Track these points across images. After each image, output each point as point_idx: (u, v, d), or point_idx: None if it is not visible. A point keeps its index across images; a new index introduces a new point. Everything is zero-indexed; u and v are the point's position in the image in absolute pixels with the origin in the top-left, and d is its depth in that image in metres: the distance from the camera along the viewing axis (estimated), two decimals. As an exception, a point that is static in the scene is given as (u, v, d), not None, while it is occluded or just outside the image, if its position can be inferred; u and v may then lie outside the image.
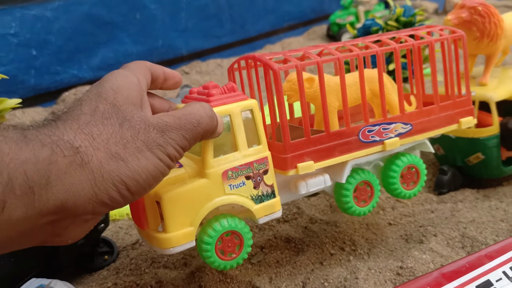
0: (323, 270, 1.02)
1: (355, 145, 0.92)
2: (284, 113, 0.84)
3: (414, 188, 1.02)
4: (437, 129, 1.01)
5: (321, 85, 0.88)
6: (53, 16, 1.98)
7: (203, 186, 0.79)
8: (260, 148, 0.84)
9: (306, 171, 0.87)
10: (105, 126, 0.60)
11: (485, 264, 0.74)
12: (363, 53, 0.92)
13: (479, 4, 1.24)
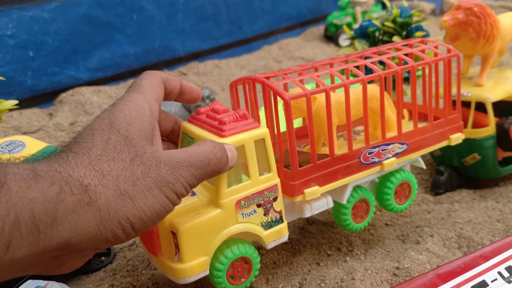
0: (320, 271, 1.02)
1: (357, 167, 0.96)
2: (293, 141, 0.86)
3: (405, 203, 1.07)
4: (429, 146, 1.06)
5: (328, 114, 0.90)
6: (50, 17, 1.97)
7: (218, 216, 0.81)
8: (270, 175, 0.86)
9: (312, 197, 0.89)
10: (116, 162, 0.59)
11: (480, 264, 0.74)
12: (367, 77, 0.93)
13: (475, 5, 1.25)
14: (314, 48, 2.91)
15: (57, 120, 1.86)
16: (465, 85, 1.36)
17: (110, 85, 2.20)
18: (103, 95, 2.07)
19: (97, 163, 0.58)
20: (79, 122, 1.87)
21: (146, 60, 2.36)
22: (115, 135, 0.61)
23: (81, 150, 0.59)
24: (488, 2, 3.67)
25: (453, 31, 1.28)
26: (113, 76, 2.25)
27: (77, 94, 2.02)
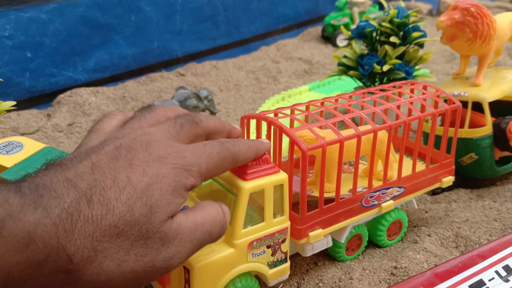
0: (317, 271, 1.02)
1: (358, 210, 1.00)
2: (305, 189, 0.89)
3: (395, 238, 1.12)
4: (423, 189, 1.11)
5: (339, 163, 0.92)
6: (47, 19, 1.97)
7: (230, 255, 0.83)
8: (283, 219, 0.88)
9: (316, 240, 0.93)
10: (118, 239, 0.55)
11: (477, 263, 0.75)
12: (379, 127, 0.96)
13: (472, 5, 1.25)
14: (312, 48, 2.91)
15: (55, 121, 1.86)
16: (462, 85, 1.37)
17: (108, 86, 2.20)
18: (101, 96, 2.07)
19: (98, 237, 0.54)
20: (77, 123, 1.87)
21: (144, 61, 2.36)
22: (141, 204, 0.56)
23: (95, 217, 0.54)
24: (485, 2, 3.69)
25: (450, 31, 1.29)
26: (111, 77, 2.25)
27: (75, 95, 2.02)
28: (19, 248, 0.49)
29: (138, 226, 0.55)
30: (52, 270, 0.51)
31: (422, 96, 1.10)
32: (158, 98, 2.12)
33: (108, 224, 0.54)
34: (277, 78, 2.42)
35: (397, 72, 1.61)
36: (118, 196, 0.55)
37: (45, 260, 0.51)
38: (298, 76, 2.48)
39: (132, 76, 2.32)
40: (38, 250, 0.50)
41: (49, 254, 0.51)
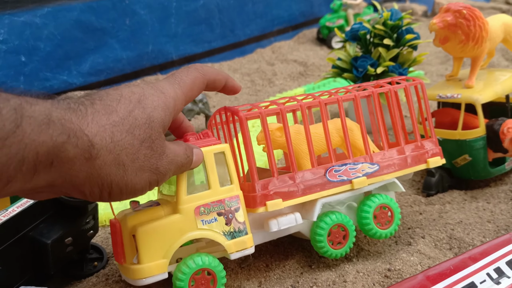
0: (312, 274, 1.03)
1: (323, 184, 0.98)
2: (251, 155, 0.92)
3: (389, 227, 1.06)
4: (404, 169, 1.07)
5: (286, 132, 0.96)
6: (42, 23, 1.97)
7: (177, 220, 0.86)
8: (231, 187, 0.91)
9: (274, 209, 0.92)
10: (128, 135, 0.63)
11: (469, 266, 0.75)
12: (324, 100, 1.00)
13: (464, 8, 1.26)
14: (307, 50, 2.92)
15: (49, 125, 1.86)
16: (455, 87, 1.37)
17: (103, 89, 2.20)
18: (96, 99, 2.07)
19: (111, 129, 0.62)
20: (71, 127, 1.88)
21: (139, 64, 2.36)
22: (140, 111, 0.65)
23: (102, 110, 0.62)
24: (479, 3, 3.70)
25: (443, 34, 1.29)
26: (106, 81, 2.26)
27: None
28: (42, 128, 0.54)
29: (142, 129, 0.65)
30: (76, 154, 0.58)
31: (385, 80, 1.12)
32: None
33: (117, 120, 0.62)
34: (272, 81, 2.42)
35: (391, 74, 1.61)
36: (116, 103, 0.64)
37: (68, 141, 0.57)
38: (293, 78, 2.48)
39: (127, 79, 2.32)
40: (58, 130, 0.56)
41: (69, 135, 0.57)
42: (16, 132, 0.52)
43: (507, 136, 1.26)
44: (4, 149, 0.52)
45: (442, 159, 1.11)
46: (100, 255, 1.11)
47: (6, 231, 0.89)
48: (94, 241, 1.20)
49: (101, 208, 1.30)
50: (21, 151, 0.53)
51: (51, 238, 0.93)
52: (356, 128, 1.07)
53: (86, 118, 0.60)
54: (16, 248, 0.91)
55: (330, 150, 1.00)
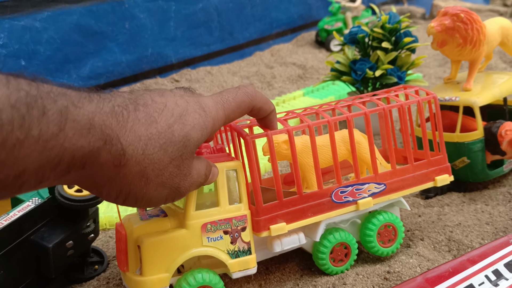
0: (311, 276, 1.03)
1: (328, 205, 0.97)
2: (255, 178, 0.90)
3: (392, 246, 1.06)
4: (411, 187, 1.05)
5: (293, 153, 0.93)
6: (41, 27, 1.98)
7: (182, 236, 0.85)
8: (240, 206, 0.90)
9: (278, 233, 0.92)
10: (161, 151, 0.63)
11: (468, 268, 0.76)
12: (351, 115, 0.97)
13: (462, 11, 1.27)
14: (306, 53, 2.93)
15: (49, 129, 1.86)
16: (453, 90, 1.38)
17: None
18: (95, 103, 2.08)
19: (146, 141, 0.61)
20: (71, 130, 1.88)
21: (139, 68, 2.37)
22: (179, 127, 0.64)
23: (143, 119, 0.62)
24: (478, 6, 3.71)
25: (440, 37, 1.30)
26: (106, 84, 2.26)
27: (69, 103, 2.03)
28: (82, 133, 0.55)
29: (176, 146, 0.64)
30: (106, 160, 0.58)
31: (395, 92, 1.09)
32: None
33: (154, 133, 0.62)
34: (271, 84, 2.43)
35: (389, 77, 1.62)
36: (158, 113, 0.63)
37: (103, 147, 0.57)
38: (292, 81, 2.49)
39: (127, 82, 2.33)
40: (97, 136, 0.56)
41: (105, 141, 0.57)
42: (58, 136, 0.53)
43: (505, 138, 1.27)
44: (45, 152, 0.52)
45: (450, 177, 1.09)
46: (100, 258, 1.11)
47: (8, 235, 0.89)
48: (95, 244, 1.20)
49: (102, 211, 1.30)
50: (60, 154, 0.53)
51: (52, 242, 0.93)
52: (363, 140, 1.04)
53: (126, 126, 0.60)
54: (17, 251, 0.91)
55: (338, 172, 0.98)
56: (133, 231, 0.86)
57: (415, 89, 1.11)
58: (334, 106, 1.05)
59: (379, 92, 1.13)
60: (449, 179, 1.10)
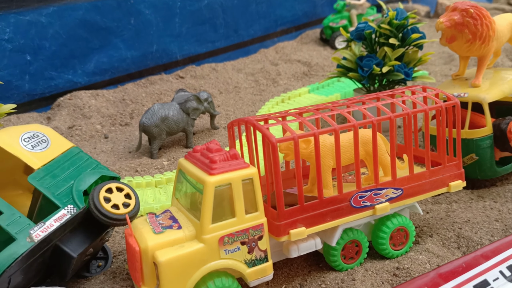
0: (320, 272, 1.02)
1: (347, 210, 0.97)
2: (279, 182, 0.88)
3: (402, 249, 1.06)
4: (427, 193, 1.05)
5: (317, 157, 0.92)
6: (47, 22, 1.97)
7: (200, 251, 0.84)
8: (257, 215, 0.88)
9: (298, 238, 0.91)
10: None
11: (481, 264, 0.75)
12: (358, 123, 0.96)
13: (471, 6, 1.25)
14: (310, 51, 2.92)
15: (55, 124, 1.86)
16: (461, 86, 1.37)
17: (108, 89, 2.20)
18: (101, 98, 2.07)
19: None
20: (77, 125, 1.87)
21: (144, 64, 2.36)
22: None
23: None
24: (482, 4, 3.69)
25: (449, 33, 1.29)
26: (111, 80, 2.25)
27: (75, 98, 2.02)
28: None
29: None
30: None
31: (416, 96, 1.07)
32: (158, 100, 2.12)
33: None
34: (276, 80, 2.42)
35: (396, 74, 1.61)
36: None
37: None
38: (297, 78, 2.48)
39: (132, 79, 2.32)
40: None
41: None
42: None
43: (514, 135, 1.26)
44: None
45: (463, 183, 1.09)
46: (105, 254, 1.10)
47: (40, 245, 0.87)
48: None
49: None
50: None
51: (77, 252, 0.91)
52: (382, 142, 1.04)
53: None
54: (41, 256, 0.89)
55: (358, 175, 0.97)
56: (148, 248, 0.84)
57: (435, 92, 1.10)
58: (359, 107, 1.02)
59: (396, 91, 1.12)
60: (462, 185, 1.09)
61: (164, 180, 1.43)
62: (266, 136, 0.90)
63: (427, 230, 1.16)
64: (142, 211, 1.27)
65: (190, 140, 1.71)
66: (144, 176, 1.44)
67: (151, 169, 1.53)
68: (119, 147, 1.73)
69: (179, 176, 0.96)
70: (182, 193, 0.95)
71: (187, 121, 1.68)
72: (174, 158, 1.62)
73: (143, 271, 0.85)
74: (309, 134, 0.92)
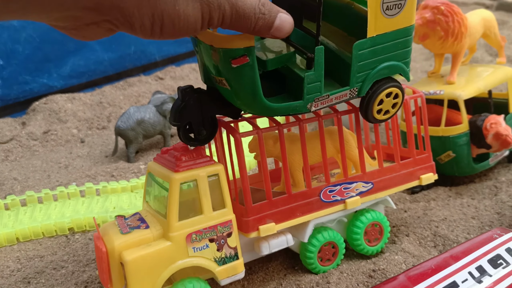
0: (295, 275, 1.01)
1: (317, 205, 0.96)
2: (245, 177, 0.87)
3: (377, 245, 1.05)
4: (397, 186, 1.05)
5: (283, 152, 0.92)
6: (19, 25, 1.94)
7: (167, 249, 0.82)
8: (225, 211, 0.87)
9: (267, 233, 0.90)
10: None
11: (451, 265, 0.74)
12: (323, 116, 0.95)
13: (442, 4, 1.25)
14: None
15: (30, 129, 1.82)
16: (437, 83, 1.37)
17: (85, 92, 2.16)
18: (77, 102, 2.04)
19: None
20: (52, 130, 1.84)
21: (121, 66, 2.33)
22: None
23: None
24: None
25: (422, 30, 1.28)
26: (88, 83, 2.22)
27: (50, 102, 1.99)
28: None
29: None
30: None
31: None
32: (136, 103, 2.09)
33: None
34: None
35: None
36: None
37: None
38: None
39: (110, 81, 2.29)
40: None
41: None
42: None
43: (490, 131, 1.26)
44: None
45: (434, 175, 1.09)
46: None
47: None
48: (75, 246, 1.17)
49: (81, 213, 1.27)
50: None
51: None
52: (351, 138, 1.03)
53: None
54: None
55: (326, 169, 0.96)
56: (114, 248, 0.82)
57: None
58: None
59: None
60: (433, 178, 1.09)
61: (140, 184, 1.41)
62: (231, 131, 0.89)
63: (404, 229, 1.15)
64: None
65: (168, 142, 1.69)
66: (119, 181, 1.42)
67: (128, 173, 1.51)
68: (96, 152, 1.70)
69: (149, 179, 0.95)
70: (151, 195, 0.94)
71: (164, 124, 1.66)
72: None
73: (110, 272, 0.84)
74: (273, 128, 0.91)
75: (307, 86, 0.81)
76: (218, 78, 0.81)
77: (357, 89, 0.87)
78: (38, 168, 1.57)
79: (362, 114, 0.91)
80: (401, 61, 0.89)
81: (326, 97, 0.84)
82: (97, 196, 1.36)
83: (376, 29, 0.83)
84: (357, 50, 0.83)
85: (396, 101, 0.92)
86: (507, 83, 1.38)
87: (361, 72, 0.85)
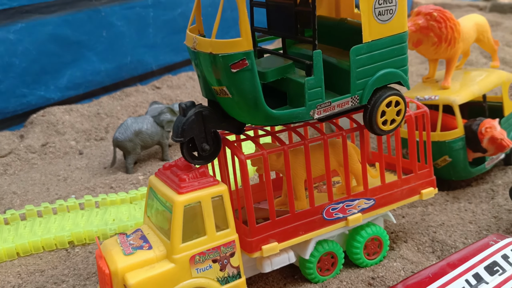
0: (295, 285, 1.02)
1: (319, 223, 0.96)
2: (250, 198, 0.88)
3: (376, 258, 1.06)
4: (399, 201, 1.05)
5: (287, 171, 0.92)
6: (16, 39, 1.94)
7: (171, 271, 0.82)
8: (228, 232, 0.87)
9: (270, 253, 0.91)
10: None
11: (448, 273, 0.75)
12: (329, 135, 0.95)
13: (435, 10, 1.26)
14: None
15: (28, 142, 1.82)
16: (432, 89, 1.38)
17: (82, 103, 2.17)
18: (75, 113, 2.04)
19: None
20: (50, 143, 1.84)
21: (118, 76, 2.34)
22: None
23: None
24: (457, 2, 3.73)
25: (415, 37, 1.30)
26: (85, 94, 2.23)
27: (48, 114, 1.99)
28: None
29: None
30: None
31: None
32: (133, 113, 2.10)
33: None
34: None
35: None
36: None
37: None
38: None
39: (107, 91, 2.30)
40: None
41: None
42: None
43: (486, 135, 1.27)
44: None
45: (435, 190, 1.09)
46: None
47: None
48: (75, 260, 1.17)
49: (81, 226, 1.27)
50: None
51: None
52: (354, 152, 1.04)
53: None
54: None
55: (330, 187, 0.97)
56: (117, 270, 0.82)
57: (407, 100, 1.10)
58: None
59: None
60: (433, 192, 1.09)
61: (139, 195, 1.41)
62: (235, 153, 0.89)
63: (402, 235, 1.16)
64: (116, 229, 1.26)
65: (166, 153, 1.69)
66: (118, 193, 1.42)
67: (126, 184, 1.51)
68: (94, 163, 1.71)
69: (150, 193, 0.95)
70: (153, 211, 0.94)
71: (162, 134, 1.66)
72: (150, 172, 1.61)
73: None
74: (278, 149, 0.91)
75: (308, 91, 0.82)
76: (218, 88, 0.82)
77: (359, 97, 0.88)
78: (37, 181, 1.57)
79: (368, 129, 0.92)
80: (399, 68, 0.89)
81: (328, 104, 0.85)
82: (96, 209, 1.36)
83: (371, 34, 0.85)
84: (354, 55, 0.85)
85: (399, 108, 0.93)
86: (501, 86, 1.39)
87: (361, 79, 0.86)
